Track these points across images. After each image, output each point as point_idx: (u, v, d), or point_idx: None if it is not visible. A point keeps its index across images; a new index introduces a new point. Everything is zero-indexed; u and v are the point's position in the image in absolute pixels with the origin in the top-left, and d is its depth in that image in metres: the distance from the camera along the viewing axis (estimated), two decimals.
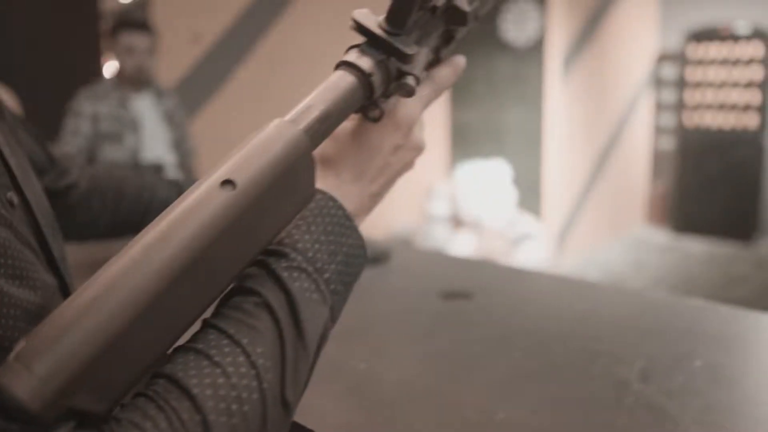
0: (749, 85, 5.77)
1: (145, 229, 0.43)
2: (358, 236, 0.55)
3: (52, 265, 0.57)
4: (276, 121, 0.49)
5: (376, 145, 0.58)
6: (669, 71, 6.26)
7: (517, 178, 5.29)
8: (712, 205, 5.90)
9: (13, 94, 2.74)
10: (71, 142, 2.80)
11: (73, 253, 0.76)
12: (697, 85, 5.99)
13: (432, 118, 5.52)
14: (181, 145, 3.01)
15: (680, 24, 6.05)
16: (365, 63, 0.53)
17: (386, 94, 0.56)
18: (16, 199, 0.54)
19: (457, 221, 5.31)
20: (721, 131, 5.90)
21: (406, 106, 0.58)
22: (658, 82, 6.35)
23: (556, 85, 5.09)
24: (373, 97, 0.54)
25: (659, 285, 4.93)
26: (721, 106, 5.89)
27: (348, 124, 0.58)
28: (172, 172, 2.93)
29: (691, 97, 6.02)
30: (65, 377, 0.37)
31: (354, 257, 0.54)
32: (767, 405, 0.79)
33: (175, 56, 3.54)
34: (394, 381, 0.87)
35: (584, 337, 1.00)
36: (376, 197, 0.59)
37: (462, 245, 5.10)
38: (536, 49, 5.14)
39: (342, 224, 0.53)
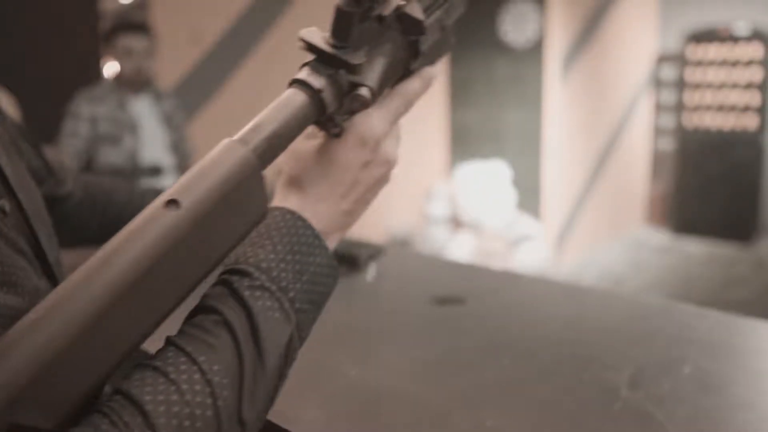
0: (749, 86, 5.76)
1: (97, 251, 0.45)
2: (328, 255, 0.55)
3: (47, 270, 0.58)
4: (224, 141, 0.50)
5: (342, 162, 0.57)
6: (668, 72, 6.26)
7: (517, 179, 5.29)
8: (711, 206, 5.90)
9: (11, 97, 2.75)
10: (69, 144, 2.81)
11: (70, 258, 0.76)
12: (697, 86, 5.98)
13: (431, 119, 5.53)
14: (179, 147, 3.01)
15: (680, 25, 6.05)
16: (314, 79, 0.53)
17: (345, 110, 0.56)
18: (8, 207, 0.55)
19: (456, 222, 5.31)
20: (720, 132, 5.89)
21: (370, 121, 0.58)
22: (657, 83, 6.35)
23: (555, 86, 5.09)
24: (327, 113, 0.54)
25: (659, 286, 4.94)
26: (721, 107, 5.89)
27: (314, 142, 0.58)
28: (171, 174, 2.93)
29: (691, 98, 6.01)
30: (6, 395, 0.39)
31: (323, 276, 0.54)
32: (754, 411, 0.80)
33: (174, 57, 3.54)
34: (384, 388, 0.88)
35: (575, 343, 1.00)
36: (349, 214, 0.59)
37: (461, 246, 5.11)
38: (536, 50, 5.14)
39: (310, 243, 0.54)
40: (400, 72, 0.61)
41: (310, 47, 0.54)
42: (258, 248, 0.52)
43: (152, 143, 2.92)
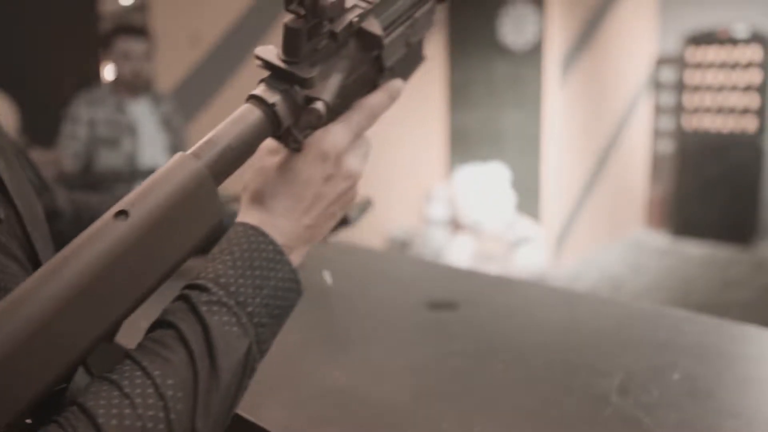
0: (748, 88, 5.76)
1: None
2: (289, 269, 0.56)
3: None
4: (178, 155, 0.52)
5: (304, 176, 0.58)
6: (668, 74, 6.26)
7: (516, 181, 5.30)
8: (711, 208, 5.90)
9: (10, 101, 2.76)
10: (68, 147, 2.82)
11: None
12: (696, 88, 5.98)
13: (430, 122, 5.54)
14: (178, 150, 2.97)
15: (679, 27, 6.05)
16: (268, 94, 0.55)
17: (303, 124, 0.57)
18: (3, 213, 0.56)
19: (455, 224, 5.32)
20: (720, 134, 5.89)
21: (332, 135, 0.58)
22: (656, 86, 6.35)
23: (554, 88, 5.09)
24: (283, 127, 0.55)
25: (658, 288, 4.94)
26: (720, 110, 5.89)
27: (277, 157, 0.59)
28: None
29: (690, 100, 6.01)
30: None
31: (284, 290, 0.55)
32: (742, 417, 0.80)
33: (173, 60, 3.55)
34: (374, 393, 0.88)
35: (565, 349, 1.01)
36: (312, 228, 0.59)
37: (460, 248, 5.11)
38: (535, 52, 5.14)
39: (271, 258, 0.55)
40: (366, 87, 0.62)
41: (265, 63, 0.56)
42: (218, 263, 0.53)
43: (151, 146, 2.93)
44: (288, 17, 0.54)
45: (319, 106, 0.55)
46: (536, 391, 0.88)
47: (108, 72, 2.98)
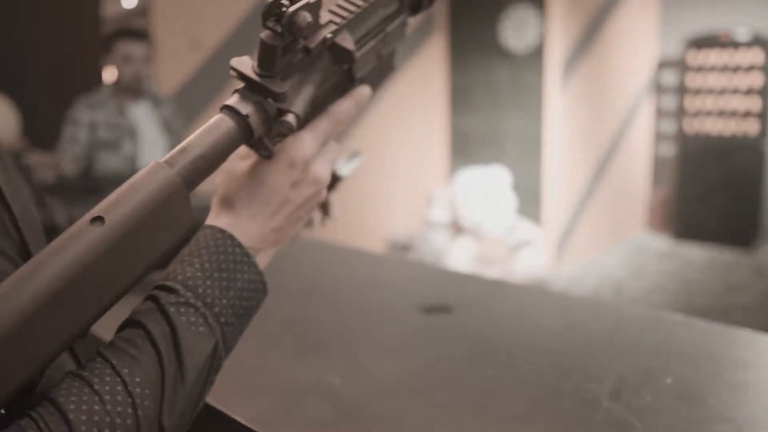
0: (749, 91, 5.76)
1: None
2: (256, 271, 0.59)
3: None
4: (152, 163, 0.53)
5: (272, 182, 0.61)
6: (669, 78, 6.26)
7: (517, 185, 5.30)
8: (712, 211, 5.89)
9: (11, 104, 2.76)
10: (69, 150, 2.83)
11: None
12: (698, 91, 5.98)
13: (431, 125, 5.54)
14: None
15: (680, 30, 6.05)
16: (242, 105, 0.57)
17: (275, 134, 0.59)
18: None
19: (456, 228, 5.32)
20: (721, 138, 5.89)
21: (300, 143, 0.61)
22: (658, 89, 6.35)
23: (555, 91, 5.09)
24: (255, 137, 0.57)
25: (659, 292, 4.93)
26: (722, 113, 5.89)
27: (247, 163, 0.62)
28: None
29: (692, 103, 6.01)
30: None
31: (250, 291, 0.58)
32: (733, 422, 0.80)
33: (174, 64, 3.56)
34: (366, 397, 0.88)
35: (558, 353, 1.01)
36: (279, 231, 0.62)
37: (461, 251, 5.11)
38: (536, 55, 5.14)
39: (238, 260, 0.58)
40: (337, 96, 0.65)
41: (240, 75, 0.58)
42: (187, 266, 0.56)
43: (151, 149, 2.94)
44: (265, 33, 0.56)
45: (290, 118, 0.58)
46: (527, 396, 0.88)
47: (108, 75, 2.99)
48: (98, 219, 0.49)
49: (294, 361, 1.00)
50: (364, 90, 0.66)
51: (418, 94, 5.32)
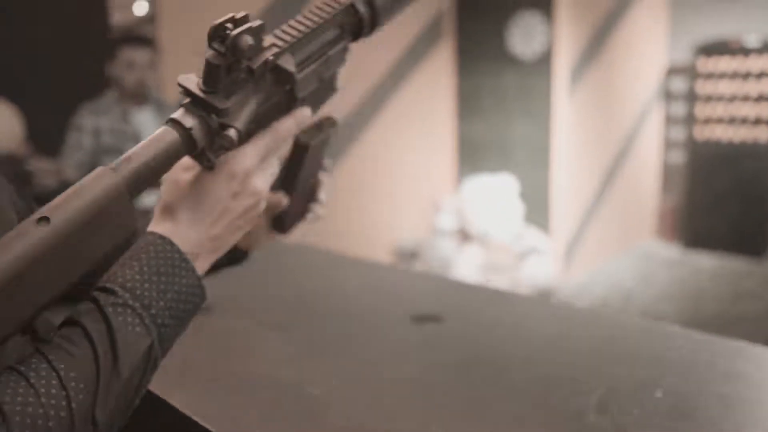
0: (760, 98, 5.71)
1: None
2: (194, 275, 0.62)
3: None
4: (99, 169, 0.57)
5: (213, 192, 0.64)
6: (679, 84, 6.22)
7: (524, 192, 5.27)
8: (722, 219, 5.83)
9: (16, 110, 2.78)
10: (73, 156, 2.83)
11: None
12: (708, 98, 5.93)
13: (439, 132, 5.53)
14: None
15: (690, 37, 6.01)
16: (186, 119, 0.61)
17: (217, 147, 0.63)
18: None
19: (464, 235, 5.29)
20: (731, 144, 5.83)
21: (241, 156, 0.65)
22: (667, 96, 6.31)
23: (563, 98, 5.07)
24: (197, 149, 0.61)
25: (668, 300, 4.88)
26: (732, 120, 5.83)
27: (191, 173, 0.65)
28: None
29: (702, 110, 5.96)
30: None
31: (188, 294, 0.61)
32: None
33: (180, 70, 3.56)
34: (354, 404, 0.87)
35: (548, 363, 0.99)
36: (218, 239, 0.65)
37: (469, 259, 5.08)
38: (544, 62, 5.12)
39: (177, 265, 0.61)
40: (280, 114, 0.69)
41: (185, 91, 0.62)
42: (127, 269, 0.59)
43: None
44: (209, 52, 0.61)
45: (231, 133, 0.61)
46: (515, 407, 0.86)
47: (113, 81, 3.00)
48: (44, 219, 0.52)
49: (282, 368, 0.98)
50: (304, 110, 0.70)
51: (425, 101, 5.31)
